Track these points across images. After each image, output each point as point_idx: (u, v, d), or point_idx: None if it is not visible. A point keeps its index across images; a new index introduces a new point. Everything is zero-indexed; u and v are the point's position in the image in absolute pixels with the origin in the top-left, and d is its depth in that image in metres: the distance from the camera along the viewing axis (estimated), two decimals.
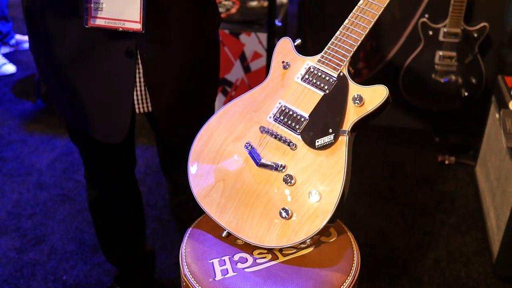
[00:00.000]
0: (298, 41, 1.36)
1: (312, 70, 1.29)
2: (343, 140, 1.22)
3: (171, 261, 2.17)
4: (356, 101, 1.22)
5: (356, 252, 1.28)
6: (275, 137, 1.27)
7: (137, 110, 1.43)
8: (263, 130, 1.28)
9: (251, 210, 1.24)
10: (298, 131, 1.26)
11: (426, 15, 2.69)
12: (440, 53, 2.69)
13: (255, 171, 1.26)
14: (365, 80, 2.94)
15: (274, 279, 1.19)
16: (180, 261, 1.25)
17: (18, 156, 2.79)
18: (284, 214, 1.20)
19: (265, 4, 2.98)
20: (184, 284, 1.23)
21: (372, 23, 1.29)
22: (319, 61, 1.29)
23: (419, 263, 2.18)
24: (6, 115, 3.14)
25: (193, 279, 1.20)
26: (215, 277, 1.20)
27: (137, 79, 1.38)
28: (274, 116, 1.29)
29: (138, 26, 1.27)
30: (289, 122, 1.27)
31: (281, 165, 1.24)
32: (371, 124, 1.28)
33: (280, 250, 1.26)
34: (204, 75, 1.46)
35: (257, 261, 1.24)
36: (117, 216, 1.77)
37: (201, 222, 1.36)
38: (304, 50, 1.35)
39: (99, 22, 1.27)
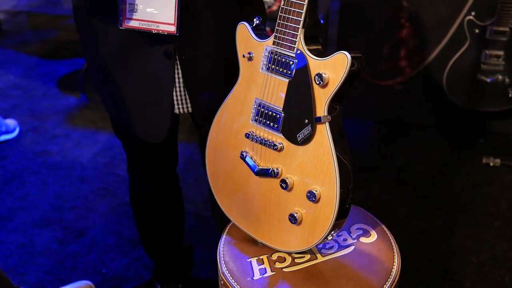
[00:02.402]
0: (256, 20, 1.23)
1: (271, 55, 1.17)
2: (323, 127, 1.11)
3: (208, 258, 2.18)
4: (319, 82, 1.09)
5: (396, 255, 1.25)
6: (261, 143, 1.21)
7: (176, 111, 1.44)
8: (249, 135, 1.23)
9: (269, 217, 1.23)
10: (279, 129, 1.18)
11: (473, 13, 2.61)
12: (487, 51, 2.62)
13: (258, 179, 1.23)
14: (408, 79, 2.89)
15: (313, 280, 1.18)
16: (218, 260, 1.25)
17: (61, 150, 2.85)
18: (292, 220, 1.17)
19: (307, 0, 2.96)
20: (222, 282, 1.23)
21: None
22: (274, 42, 1.16)
23: (461, 267, 2.12)
24: (51, 110, 3.21)
25: (231, 278, 1.20)
26: (253, 276, 1.19)
27: (177, 80, 1.39)
28: (254, 118, 1.22)
29: (172, 29, 1.26)
30: (268, 122, 1.19)
31: (274, 170, 1.19)
32: (413, 124, 1.19)
33: (319, 249, 1.25)
34: None
35: (296, 260, 1.23)
36: (158, 211, 1.79)
37: None
38: (346, 47, 1.27)
39: (133, 23, 1.27)
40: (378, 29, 2.82)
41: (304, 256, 1.23)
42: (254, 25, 1.21)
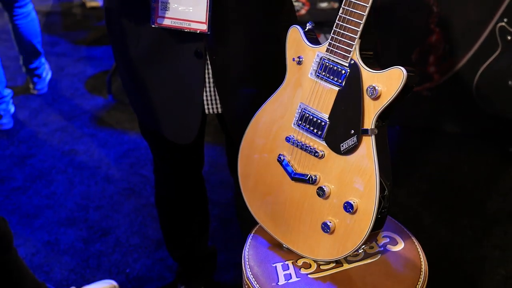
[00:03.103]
0: (309, 25, 1.21)
1: (323, 62, 1.16)
2: (368, 140, 1.10)
3: (231, 261, 2.17)
4: (371, 94, 1.08)
5: (424, 264, 1.23)
6: (301, 148, 1.19)
7: (206, 111, 1.44)
8: (289, 139, 1.21)
9: (299, 223, 1.22)
10: (322, 136, 1.16)
11: (505, 19, 2.56)
12: None
13: (292, 184, 1.22)
14: (436, 85, 2.85)
15: (338, 287, 1.16)
16: (243, 264, 1.24)
17: (88, 149, 2.88)
18: (326, 229, 1.16)
19: (336, 5, 2.95)
20: (246, 286, 1.22)
21: None
22: (327, 50, 1.15)
23: (488, 278, 2.08)
24: (78, 110, 3.25)
25: (255, 283, 1.19)
26: (278, 281, 1.18)
27: (207, 80, 1.38)
28: (297, 122, 1.20)
29: (203, 27, 1.26)
30: (312, 128, 1.18)
31: (312, 177, 1.17)
32: (442, 131, 1.17)
33: (345, 256, 1.23)
34: (274, 79, 1.43)
35: (321, 267, 1.21)
36: (183, 213, 1.79)
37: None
38: (375, 55, 1.25)
39: (166, 22, 1.27)
40: (407, 34, 2.79)
41: (330, 263, 1.22)
42: (306, 29, 1.20)
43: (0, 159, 2.79)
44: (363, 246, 1.16)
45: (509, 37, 2.56)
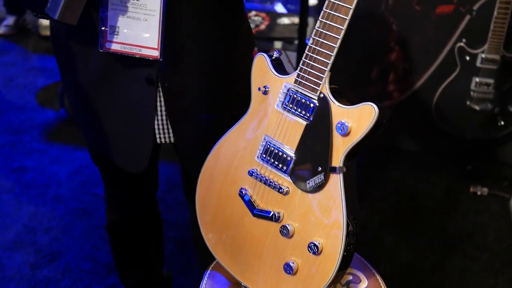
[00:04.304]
0: (276, 54, 1.15)
1: (291, 93, 1.09)
2: (336, 178, 1.04)
3: (189, 285, 2.09)
4: (341, 131, 1.02)
5: None
6: (265, 183, 1.12)
7: (158, 140, 1.36)
8: (252, 173, 1.14)
9: (260, 262, 1.15)
10: (287, 172, 1.09)
11: (464, 40, 2.58)
12: (477, 79, 2.58)
13: (254, 220, 1.15)
14: (395, 103, 2.84)
15: None
16: None
17: (38, 166, 2.74)
18: (288, 270, 1.10)
19: (296, 21, 2.91)
20: None
21: (347, 21, 1.02)
22: (296, 81, 1.08)
23: None
24: (28, 123, 3.10)
25: None
26: None
27: (159, 108, 1.31)
28: (261, 156, 1.13)
29: (155, 53, 1.19)
30: (276, 163, 1.11)
31: (275, 214, 1.11)
32: (401, 149, 1.12)
33: None
34: (231, 106, 1.37)
35: None
36: (135, 240, 1.70)
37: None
38: (334, 68, 1.17)
39: (114, 46, 1.20)
40: (368, 51, 2.78)
41: None
42: (273, 58, 1.14)
43: None
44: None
45: (467, 58, 2.58)
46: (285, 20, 2.97)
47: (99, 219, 2.39)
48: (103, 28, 1.18)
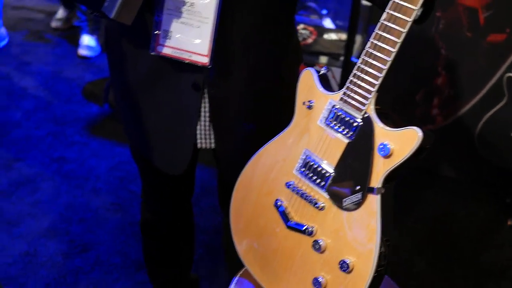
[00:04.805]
0: (324, 70, 1.16)
1: (335, 110, 1.09)
2: (373, 199, 1.03)
3: None
4: (382, 152, 1.01)
5: None
6: (301, 196, 1.13)
7: (199, 145, 1.38)
8: (290, 185, 1.15)
9: (289, 274, 1.15)
10: (325, 187, 1.09)
11: None
12: None
13: (287, 232, 1.15)
14: (438, 128, 2.81)
15: None
16: None
17: (78, 158, 2.81)
18: (316, 285, 1.09)
19: (343, 37, 2.91)
20: None
21: (399, 43, 1.03)
22: (341, 99, 1.09)
23: None
24: (72, 116, 3.18)
25: None
26: None
27: (202, 114, 1.33)
28: (300, 169, 1.14)
29: (205, 60, 1.21)
30: (314, 177, 1.11)
31: (309, 229, 1.11)
32: (440, 175, 1.11)
33: None
34: (274, 117, 1.38)
35: None
36: (167, 240, 1.73)
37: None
38: (380, 88, 1.16)
39: (165, 50, 1.22)
40: (414, 74, 2.75)
41: None
42: (320, 73, 1.14)
43: None
44: None
45: None
46: (333, 36, 2.97)
47: (133, 215, 2.42)
48: (156, 32, 1.21)
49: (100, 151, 2.88)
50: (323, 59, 2.75)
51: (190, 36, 1.20)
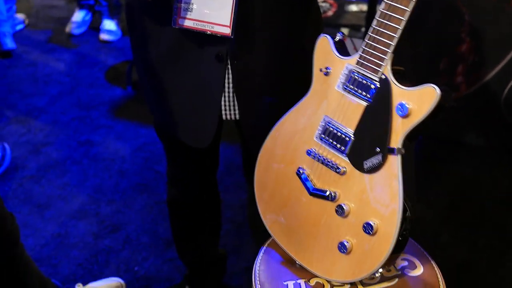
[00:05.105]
0: (339, 36, 1.14)
1: (352, 75, 1.09)
2: (394, 159, 1.03)
3: (241, 265, 2.13)
4: (401, 112, 1.01)
5: None
6: (322, 162, 1.13)
7: (224, 117, 1.39)
8: (311, 153, 1.15)
9: (315, 241, 1.16)
10: (345, 152, 1.10)
11: None
12: None
13: (310, 199, 1.16)
14: (463, 95, 2.76)
15: None
16: (253, 279, 1.19)
17: (104, 141, 2.85)
18: (342, 249, 1.10)
19: (364, 8, 2.87)
20: None
21: (412, 2, 1.01)
22: (358, 62, 1.08)
23: None
24: (97, 100, 3.22)
25: None
26: None
27: (226, 85, 1.34)
28: (320, 136, 1.14)
29: (227, 31, 1.21)
30: (335, 143, 1.11)
31: (332, 194, 1.11)
32: (465, 143, 1.09)
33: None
34: (297, 88, 1.38)
35: None
36: (194, 216, 1.75)
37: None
38: (400, 57, 1.16)
39: (187, 23, 1.23)
40: (437, 42, 2.71)
41: (344, 285, 1.16)
42: (336, 39, 1.14)
43: (16, 146, 2.77)
44: (381, 269, 1.10)
45: None
46: (353, 7, 2.93)
47: (159, 195, 2.46)
48: (178, 5, 1.21)
49: (125, 133, 2.91)
50: (345, 31, 2.72)
51: (211, 7, 1.20)
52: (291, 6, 1.30)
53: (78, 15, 3.94)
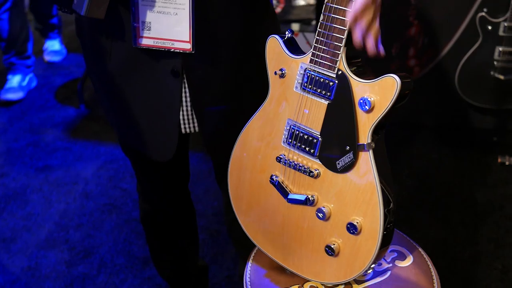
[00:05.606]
0: (288, 34, 1.11)
1: (308, 73, 1.06)
2: (366, 155, 1.01)
3: (222, 275, 2.09)
4: (364, 107, 0.99)
5: (436, 280, 1.18)
6: (294, 168, 1.10)
7: (183, 131, 1.36)
8: (281, 159, 1.12)
9: (301, 246, 1.14)
10: (315, 154, 1.07)
11: (485, 9, 2.53)
12: (500, 48, 2.54)
13: (289, 206, 1.13)
14: (417, 78, 2.81)
15: None
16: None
17: (63, 164, 2.76)
18: (329, 251, 1.09)
19: (312, 1, 2.87)
20: None
21: None
22: (311, 60, 1.05)
23: (485, 274, 2.05)
24: (50, 122, 3.12)
25: None
26: None
27: (184, 99, 1.31)
28: (287, 140, 1.11)
29: (188, 46, 1.19)
30: (303, 146, 1.09)
31: (309, 199, 1.09)
32: (425, 125, 1.08)
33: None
34: (256, 94, 1.32)
35: None
36: (170, 229, 1.71)
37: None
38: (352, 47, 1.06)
39: (147, 42, 1.20)
40: (386, 27, 2.73)
41: (338, 285, 1.15)
42: (286, 38, 1.10)
43: None
44: (372, 265, 1.09)
45: (489, 27, 2.53)
46: (301, 1, 2.93)
47: (128, 213, 2.40)
48: (135, 24, 1.18)
49: (84, 154, 2.83)
50: (295, 26, 2.72)
51: (169, 25, 1.17)
52: (247, 11, 1.28)
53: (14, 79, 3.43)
